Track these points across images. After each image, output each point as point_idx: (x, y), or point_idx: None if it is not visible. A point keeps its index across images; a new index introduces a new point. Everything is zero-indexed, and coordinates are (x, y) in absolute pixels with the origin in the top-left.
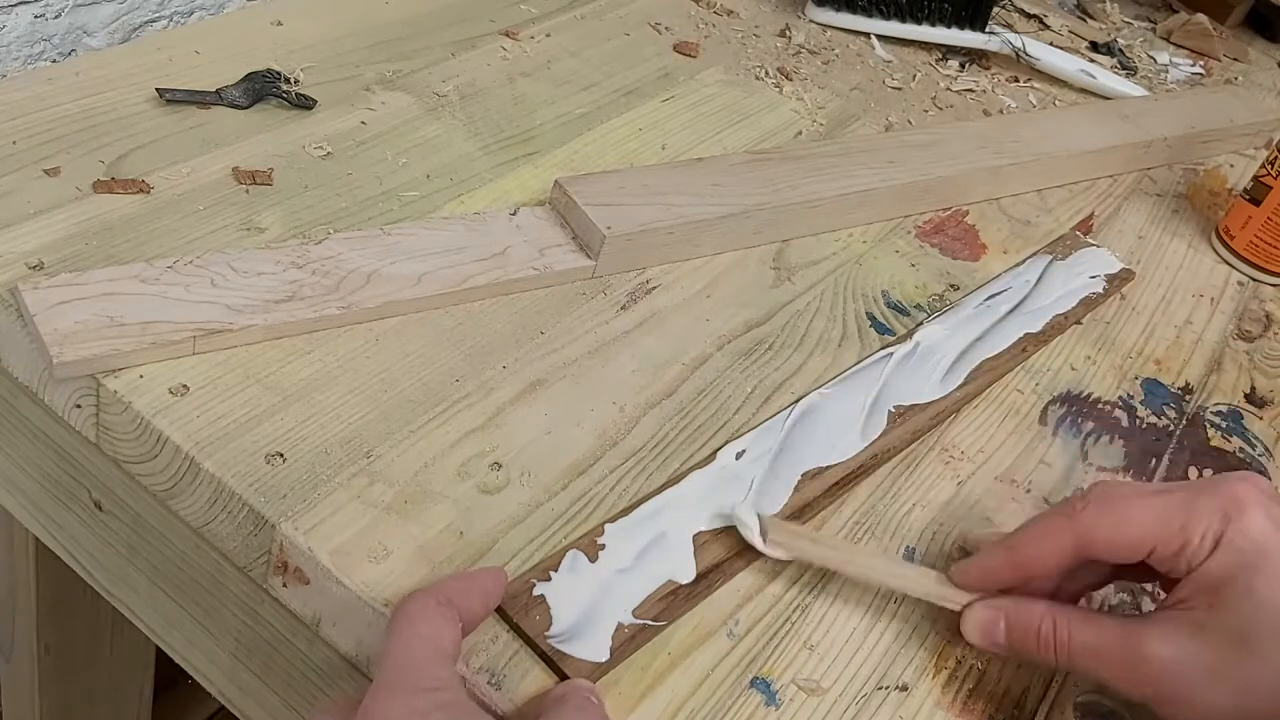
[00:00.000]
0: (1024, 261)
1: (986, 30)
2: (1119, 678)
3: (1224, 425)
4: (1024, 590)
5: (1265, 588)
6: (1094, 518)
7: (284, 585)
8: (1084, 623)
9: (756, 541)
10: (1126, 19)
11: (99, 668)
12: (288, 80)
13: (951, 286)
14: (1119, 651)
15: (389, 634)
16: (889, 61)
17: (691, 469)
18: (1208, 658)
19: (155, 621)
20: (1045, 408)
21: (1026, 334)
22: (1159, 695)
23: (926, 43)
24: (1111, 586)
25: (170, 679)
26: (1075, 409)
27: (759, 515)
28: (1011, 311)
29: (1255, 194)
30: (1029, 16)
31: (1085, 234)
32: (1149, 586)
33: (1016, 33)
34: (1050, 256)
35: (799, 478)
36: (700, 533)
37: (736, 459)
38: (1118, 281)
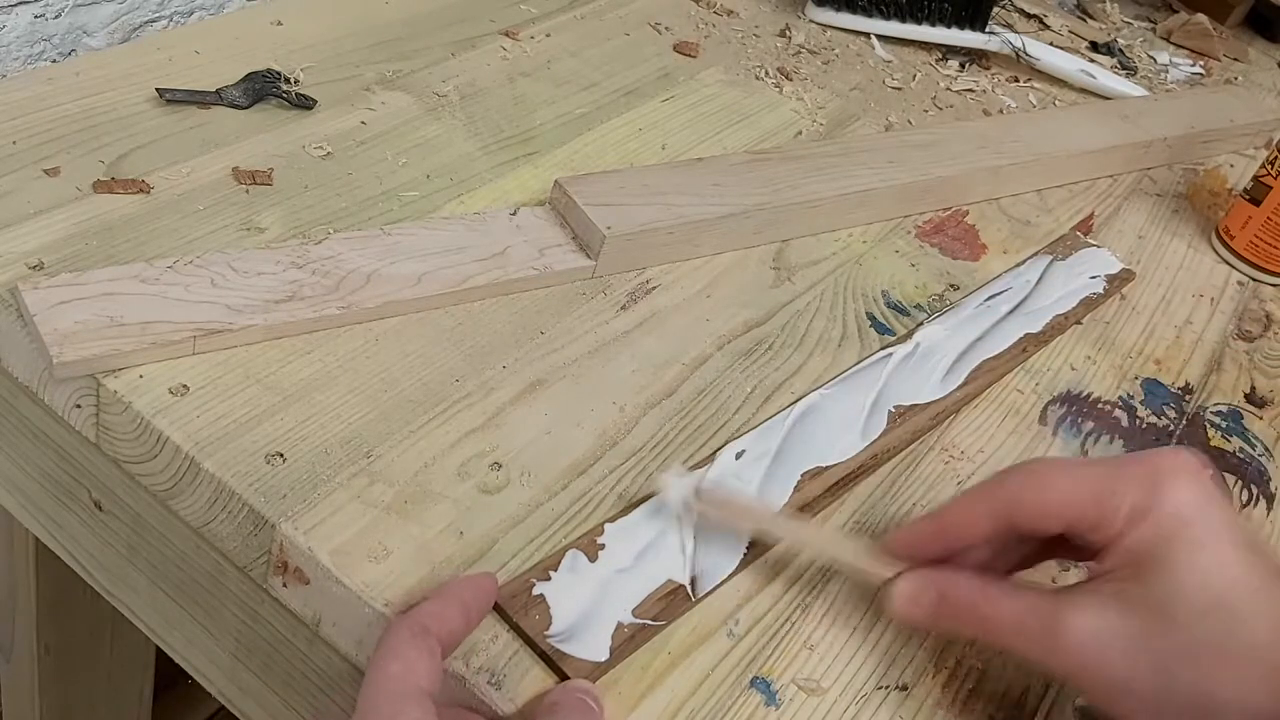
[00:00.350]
0: (1024, 262)
1: (986, 30)
2: (1038, 652)
3: (1224, 425)
4: (954, 564)
5: (1186, 558)
6: (1018, 486)
7: (284, 585)
8: (1005, 595)
9: (673, 503)
10: (1126, 19)
11: (99, 668)
12: (288, 80)
13: (951, 286)
14: (1037, 624)
15: (368, 666)
16: (889, 61)
17: (691, 469)
18: (1127, 629)
19: (155, 621)
20: (1045, 408)
21: (1026, 334)
22: (1077, 668)
23: (926, 43)
24: (1052, 565)
25: (170, 679)
26: (1075, 409)
27: (692, 483)
28: (1012, 312)
29: (1255, 194)
30: (1029, 16)
31: (1085, 234)
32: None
33: (1016, 33)
34: (1050, 256)
35: (799, 478)
36: None
37: (736, 459)
38: (1118, 281)
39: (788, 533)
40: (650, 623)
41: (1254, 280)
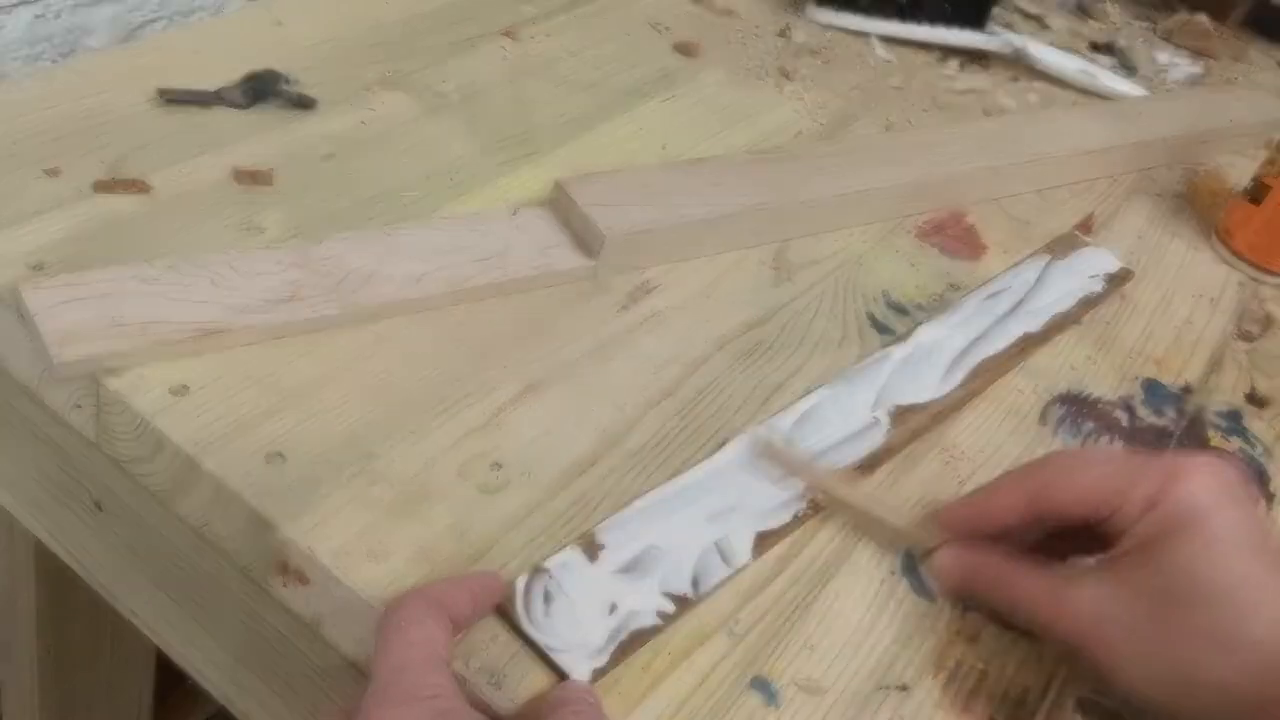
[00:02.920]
0: (1024, 261)
1: (986, 30)
2: (1046, 621)
3: (1224, 425)
4: (1002, 542)
5: (1190, 549)
6: (1049, 474)
7: (284, 586)
8: (1026, 571)
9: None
10: (1126, 19)
11: (99, 668)
12: (288, 80)
13: (951, 286)
14: (1048, 596)
15: (379, 640)
16: (889, 61)
17: (691, 468)
18: (1128, 611)
19: (155, 621)
20: (1045, 408)
21: (1026, 334)
22: (1078, 636)
23: (926, 43)
24: None
25: (170, 679)
26: (1075, 409)
27: (759, 435)
28: (1011, 311)
29: (1255, 194)
30: (1029, 16)
31: (1085, 234)
32: None
33: (1016, 33)
34: (1050, 256)
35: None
36: None
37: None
38: (1117, 281)
39: (841, 492)
40: (650, 623)
41: (1254, 280)
